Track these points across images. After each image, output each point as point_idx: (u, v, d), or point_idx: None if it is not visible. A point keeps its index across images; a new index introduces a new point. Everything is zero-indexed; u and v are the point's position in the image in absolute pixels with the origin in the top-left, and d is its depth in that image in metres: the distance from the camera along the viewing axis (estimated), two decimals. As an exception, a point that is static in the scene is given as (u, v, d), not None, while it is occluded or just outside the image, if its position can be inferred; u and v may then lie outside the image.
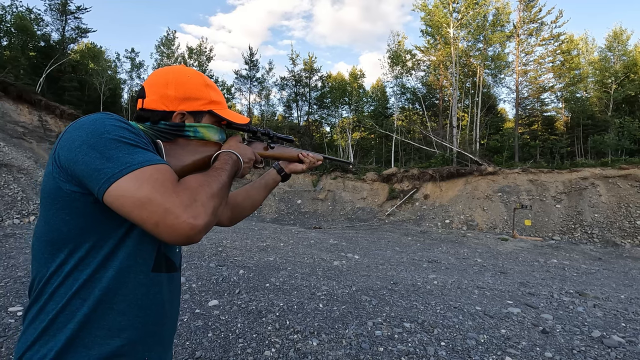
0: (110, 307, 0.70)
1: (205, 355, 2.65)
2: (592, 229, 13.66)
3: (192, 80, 0.86)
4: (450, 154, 22.53)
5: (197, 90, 0.86)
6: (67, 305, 0.67)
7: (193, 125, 0.85)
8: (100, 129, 0.64)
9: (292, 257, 6.98)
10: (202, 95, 0.87)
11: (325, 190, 22.70)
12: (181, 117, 0.84)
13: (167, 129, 0.83)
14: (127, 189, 0.60)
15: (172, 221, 0.60)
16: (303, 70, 32.98)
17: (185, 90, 0.84)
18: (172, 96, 0.83)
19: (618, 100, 24.55)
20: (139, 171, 0.61)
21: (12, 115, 15.45)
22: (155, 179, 0.62)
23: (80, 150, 0.62)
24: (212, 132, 0.89)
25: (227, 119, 0.90)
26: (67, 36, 26.48)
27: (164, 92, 0.83)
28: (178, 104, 0.84)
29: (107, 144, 0.62)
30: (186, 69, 0.88)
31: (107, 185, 0.60)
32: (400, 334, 3.23)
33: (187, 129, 0.84)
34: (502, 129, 29.04)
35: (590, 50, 29.53)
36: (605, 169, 15.93)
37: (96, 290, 0.68)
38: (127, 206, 0.60)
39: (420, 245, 10.80)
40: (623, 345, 3.20)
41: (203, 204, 0.65)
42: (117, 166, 0.61)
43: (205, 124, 0.87)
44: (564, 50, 25.55)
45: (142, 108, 0.84)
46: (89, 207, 0.67)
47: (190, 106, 0.85)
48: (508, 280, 6.13)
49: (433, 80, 29.68)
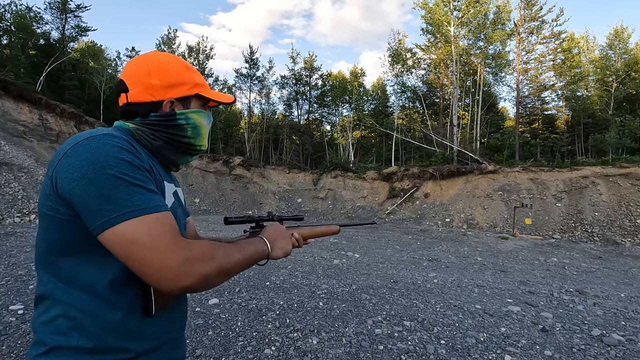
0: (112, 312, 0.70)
1: (205, 354, 2.66)
2: (592, 228, 13.66)
3: (173, 65, 0.82)
4: (450, 152, 22.51)
5: (180, 74, 0.83)
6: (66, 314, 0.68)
7: (183, 112, 0.83)
8: (101, 162, 0.62)
9: (292, 255, 6.98)
10: (186, 80, 0.84)
11: (326, 188, 22.70)
12: (170, 105, 0.82)
13: (158, 120, 0.80)
14: (122, 236, 0.60)
15: (160, 274, 0.61)
16: (303, 69, 32.92)
17: (169, 77, 0.81)
18: (157, 85, 0.79)
19: (619, 98, 24.50)
20: (137, 221, 0.61)
21: (12, 114, 15.45)
22: (153, 232, 0.62)
23: (79, 184, 0.61)
24: (202, 116, 0.87)
25: (215, 99, 0.87)
26: (67, 35, 26.45)
27: (147, 82, 0.79)
28: (165, 93, 0.80)
29: (106, 182, 0.61)
30: (162, 54, 0.84)
31: (101, 229, 0.61)
32: (400, 333, 3.23)
33: (179, 117, 0.82)
34: (503, 127, 29.02)
35: (591, 48, 29.46)
36: (606, 168, 15.92)
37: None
38: (118, 252, 0.61)
39: (420, 243, 10.80)
40: (623, 343, 3.20)
41: (198, 268, 0.64)
42: (114, 210, 0.61)
43: (195, 109, 0.85)
44: (565, 48, 25.48)
45: (126, 103, 0.80)
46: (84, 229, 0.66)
47: (177, 92, 0.82)
48: (508, 279, 6.13)
49: (433, 78, 29.63)
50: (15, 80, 17.53)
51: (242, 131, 33.13)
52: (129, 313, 0.70)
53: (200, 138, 0.88)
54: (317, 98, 33.59)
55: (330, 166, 24.24)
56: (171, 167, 0.89)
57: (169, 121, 0.81)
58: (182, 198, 0.94)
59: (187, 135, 0.85)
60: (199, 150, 0.90)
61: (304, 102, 33.74)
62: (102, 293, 0.67)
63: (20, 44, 23.85)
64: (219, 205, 20.54)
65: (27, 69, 23.00)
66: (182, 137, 0.84)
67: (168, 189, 0.82)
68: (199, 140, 0.88)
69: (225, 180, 22.76)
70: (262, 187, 23.08)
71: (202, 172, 22.64)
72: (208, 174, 22.70)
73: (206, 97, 0.86)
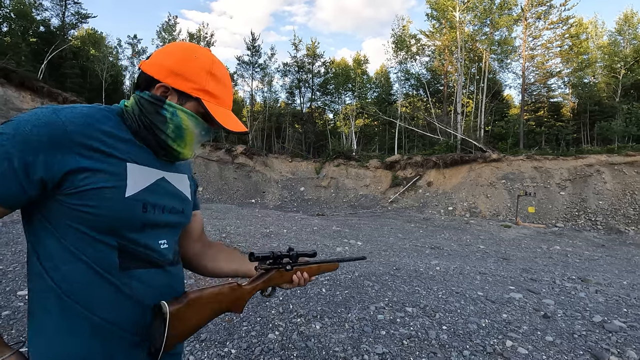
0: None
1: (210, 338, 2.70)
2: (596, 216, 13.62)
3: (196, 61, 0.77)
4: (454, 140, 22.35)
5: (194, 72, 0.77)
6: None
7: (173, 105, 0.76)
8: (9, 125, 0.65)
9: (295, 243, 7.03)
10: (196, 79, 0.77)
11: (329, 177, 22.71)
12: (164, 91, 0.76)
13: (148, 100, 0.76)
14: None
15: None
16: (306, 56, 32.55)
17: (181, 66, 0.76)
18: (165, 65, 0.76)
19: (627, 85, 24.10)
20: None
21: (15, 102, 15.45)
22: None
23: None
24: (193, 122, 0.78)
25: (212, 115, 0.77)
26: (67, 22, 26.23)
27: (162, 59, 0.77)
28: (166, 76, 0.76)
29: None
30: (202, 49, 0.81)
31: None
32: (402, 318, 3.26)
33: (165, 108, 0.75)
34: (508, 115, 28.69)
35: (600, 34, 28.86)
36: (611, 156, 15.78)
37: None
38: None
39: (423, 232, 10.83)
40: (624, 330, 3.22)
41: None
42: None
43: (188, 110, 0.77)
44: (573, 34, 24.96)
45: (139, 68, 0.80)
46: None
47: (177, 83, 0.76)
48: (510, 267, 6.16)
49: (438, 65, 29.21)
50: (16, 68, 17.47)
51: (244, 119, 33.01)
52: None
53: (181, 142, 0.79)
54: (320, 86, 33.31)
55: (333, 155, 24.20)
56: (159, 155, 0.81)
57: (154, 106, 0.76)
58: (181, 188, 0.88)
59: (166, 132, 0.77)
60: (176, 154, 0.81)
61: (306, 90, 33.50)
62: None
63: (21, 31, 23.69)
64: (222, 193, 20.62)
65: (28, 57, 22.89)
66: (160, 131, 0.77)
67: (139, 172, 0.76)
68: (178, 144, 0.79)
69: (228, 169, 22.81)
70: (265, 175, 23.11)
71: (205, 161, 22.67)
72: (211, 162, 22.73)
73: (206, 108, 0.77)
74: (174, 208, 0.84)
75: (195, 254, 1.01)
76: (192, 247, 1.00)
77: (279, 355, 2.50)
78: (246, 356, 2.47)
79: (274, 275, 0.96)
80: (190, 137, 0.79)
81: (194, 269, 1.03)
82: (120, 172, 0.72)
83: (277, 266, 0.97)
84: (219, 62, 0.81)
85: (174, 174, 0.86)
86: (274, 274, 0.96)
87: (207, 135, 0.84)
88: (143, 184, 0.76)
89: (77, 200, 0.68)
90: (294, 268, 1.00)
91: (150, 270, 0.77)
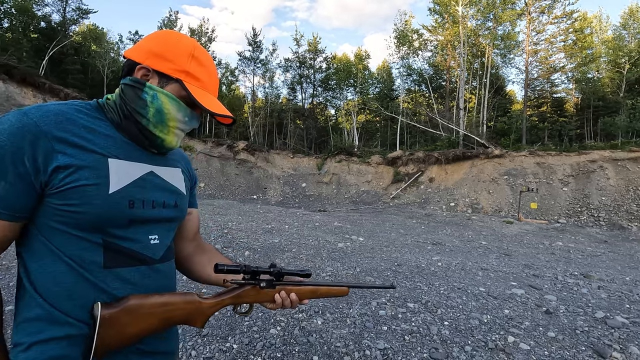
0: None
1: (212, 333, 2.71)
2: (598, 212, 13.56)
3: (178, 45, 0.75)
4: (456, 136, 22.26)
5: (175, 53, 0.74)
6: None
7: (154, 88, 0.73)
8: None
9: (297, 239, 7.04)
10: (177, 60, 0.74)
11: (330, 173, 22.69)
12: (144, 73, 0.74)
13: (129, 85, 0.74)
14: None
15: None
16: (307, 52, 32.39)
17: (162, 48, 0.74)
18: (145, 47, 0.74)
19: (631, 80, 23.88)
20: None
21: (16, 98, 15.46)
22: None
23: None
24: (174, 106, 0.74)
25: (192, 95, 0.72)
26: (68, 17, 26.14)
27: (143, 43, 0.76)
28: (146, 57, 0.73)
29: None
30: (184, 36, 0.78)
31: None
32: (404, 314, 3.26)
33: (146, 91, 0.73)
34: (510, 110, 28.54)
35: (604, 28, 28.56)
36: (615, 152, 15.68)
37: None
38: None
39: (424, 227, 10.82)
40: (627, 325, 3.21)
41: None
42: None
43: (169, 93, 0.74)
44: (577, 28, 24.70)
45: (124, 57, 0.78)
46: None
47: (157, 64, 0.73)
48: (512, 263, 6.14)
49: (440, 60, 29.02)
50: (18, 64, 17.47)
51: (245, 115, 32.96)
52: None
53: (163, 128, 0.76)
54: (322, 81, 33.17)
55: (335, 151, 24.16)
56: (144, 147, 0.79)
57: (135, 89, 0.73)
58: (172, 181, 0.85)
59: (146, 116, 0.73)
60: (159, 142, 0.77)
61: (308, 85, 33.37)
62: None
63: (22, 27, 23.63)
64: (224, 189, 20.65)
65: (30, 53, 22.88)
66: (140, 116, 0.74)
67: (123, 167, 0.73)
68: (160, 129, 0.75)
69: (230, 165, 22.81)
70: (267, 171, 23.12)
71: (207, 157, 22.68)
72: (212, 158, 22.74)
73: (187, 89, 0.73)
74: (166, 202, 0.81)
75: (188, 255, 0.96)
76: (185, 248, 0.96)
77: (280, 351, 2.50)
78: (248, 351, 2.48)
79: (248, 291, 0.85)
80: (172, 122, 0.76)
81: (184, 271, 0.97)
82: (101, 167, 0.69)
83: (251, 282, 0.85)
84: (202, 48, 0.79)
85: (164, 168, 0.83)
86: (248, 290, 0.85)
87: (192, 121, 0.80)
88: (128, 179, 0.73)
89: (59, 200, 0.66)
90: (277, 287, 0.88)
91: (139, 268, 0.74)
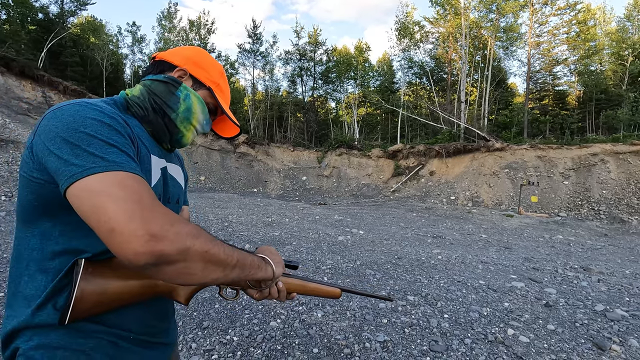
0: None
1: (212, 325, 2.71)
2: (599, 206, 13.56)
3: (214, 62, 0.88)
4: (457, 129, 22.17)
5: (210, 66, 0.86)
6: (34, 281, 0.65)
7: (188, 89, 0.81)
8: (77, 122, 0.59)
9: (297, 232, 7.04)
10: (212, 72, 0.86)
11: (331, 166, 22.66)
12: (182, 74, 0.82)
13: (162, 82, 0.80)
14: (89, 189, 0.54)
15: (133, 231, 0.51)
16: (308, 44, 32.12)
17: (200, 59, 0.85)
18: (184, 55, 0.85)
19: (634, 73, 23.69)
20: (109, 175, 0.55)
21: (15, 91, 15.38)
22: (125, 185, 0.55)
23: (54, 143, 0.58)
24: (200, 108, 0.83)
25: (220, 104, 0.85)
26: (66, 9, 25.87)
27: (181, 51, 0.86)
28: (186, 62, 0.83)
29: (81, 139, 0.57)
30: (215, 59, 0.91)
31: (70, 181, 0.55)
32: (404, 307, 3.27)
33: (181, 90, 0.80)
34: (512, 103, 28.39)
35: (608, 20, 28.25)
36: (616, 145, 15.61)
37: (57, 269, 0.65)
38: (84, 208, 0.54)
39: (425, 221, 10.83)
40: (626, 318, 3.21)
41: (180, 236, 0.54)
42: (85, 163, 0.55)
43: (200, 96, 0.83)
44: (580, 20, 24.42)
45: (154, 58, 0.85)
46: (58, 197, 0.60)
47: (194, 70, 0.84)
48: (512, 256, 6.15)
49: (442, 53, 28.77)
50: (16, 56, 17.33)
51: (245, 108, 32.82)
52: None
53: (187, 125, 0.83)
54: (322, 74, 32.95)
55: (335, 144, 24.10)
56: (162, 143, 0.83)
57: (169, 86, 0.80)
58: (178, 178, 0.89)
59: (177, 111, 0.80)
60: (179, 136, 0.83)
61: (308, 78, 33.15)
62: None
63: (20, 19, 23.41)
64: (224, 183, 20.65)
65: (28, 45, 22.68)
66: (170, 110, 0.79)
67: (155, 162, 0.77)
68: (184, 125, 0.82)
69: (230, 158, 22.78)
70: (267, 165, 23.09)
71: (207, 150, 22.64)
72: (213, 151, 22.70)
73: (216, 98, 0.85)
74: (173, 198, 0.86)
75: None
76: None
77: (280, 343, 2.51)
78: (248, 343, 2.49)
79: None
80: (195, 121, 0.84)
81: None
82: (147, 161, 0.74)
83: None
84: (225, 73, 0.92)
85: (172, 165, 0.88)
86: None
87: (207, 126, 0.89)
88: (158, 174, 0.78)
89: None
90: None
91: None
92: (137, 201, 0.53)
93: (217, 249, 0.61)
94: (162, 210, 0.56)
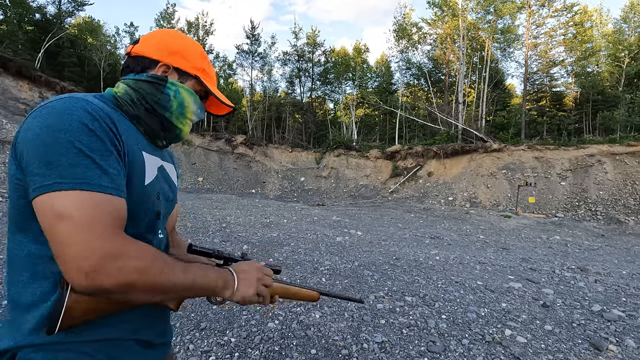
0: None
1: (210, 326, 2.71)
2: (596, 206, 13.62)
3: (193, 45, 0.83)
4: (455, 130, 22.22)
5: (192, 53, 0.81)
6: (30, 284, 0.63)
7: (175, 84, 0.77)
8: (59, 124, 0.57)
9: (295, 233, 7.04)
10: (194, 59, 0.81)
11: (329, 167, 22.67)
12: (165, 69, 0.77)
13: (147, 81, 0.75)
14: (49, 206, 0.54)
15: (76, 262, 0.53)
16: (306, 45, 32.13)
17: (180, 47, 0.79)
18: (162, 46, 0.78)
19: (630, 74, 23.81)
20: (69, 194, 0.54)
21: (12, 91, 15.32)
22: (83, 208, 0.54)
23: (31, 145, 0.57)
24: (192, 99, 0.81)
25: (211, 90, 0.82)
26: (63, 9, 25.80)
27: (158, 41, 0.79)
28: (167, 55, 0.78)
29: (55, 146, 0.55)
30: (190, 37, 0.85)
31: (36, 193, 0.55)
32: (402, 307, 3.27)
33: (169, 87, 0.76)
34: (509, 105, 28.43)
35: (605, 22, 28.39)
36: (613, 146, 15.70)
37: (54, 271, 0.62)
38: (43, 224, 0.55)
39: (423, 222, 10.85)
40: (623, 319, 3.23)
41: (123, 271, 0.55)
42: (52, 176, 0.55)
43: (189, 88, 0.80)
44: (577, 22, 24.55)
45: (128, 54, 0.79)
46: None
47: (178, 62, 0.78)
48: (510, 256, 6.17)
49: (440, 54, 28.85)
50: (13, 57, 17.27)
51: (244, 109, 32.79)
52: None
53: (183, 120, 0.81)
54: (320, 75, 32.96)
55: (333, 145, 24.11)
56: (156, 140, 0.80)
57: (157, 85, 0.76)
58: (172, 176, 0.88)
59: (170, 109, 0.78)
60: (177, 132, 0.82)
61: (306, 79, 33.16)
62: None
63: (17, 19, 23.31)
64: (222, 183, 20.62)
65: (25, 46, 22.60)
66: (164, 109, 0.77)
67: (150, 161, 0.75)
68: (180, 121, 0.80)
69: (228, 159, 22.76)
70: (265, 165, 23.07)
71: (205, 151, 22.61)
72: (211, 152, 22.67)
73: (206, 85, 0.81)
74: (169, 196, 0.84)
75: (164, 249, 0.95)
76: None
77: (278, 344, 2.50)
78: (246, 345, 2.48)
79: None
80: (190, 114, 0.82)
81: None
82: (141, 159, 0.71)
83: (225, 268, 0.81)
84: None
85: (166, 162, 0.86)
86: None
87: (201, 112, 0.86)
88: (154, 171, 0.76)
89: None
90: None
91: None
92: (88, 228, 0.54)
93: (168, 277, 0.62)
94: (113, 240, 0.56)
